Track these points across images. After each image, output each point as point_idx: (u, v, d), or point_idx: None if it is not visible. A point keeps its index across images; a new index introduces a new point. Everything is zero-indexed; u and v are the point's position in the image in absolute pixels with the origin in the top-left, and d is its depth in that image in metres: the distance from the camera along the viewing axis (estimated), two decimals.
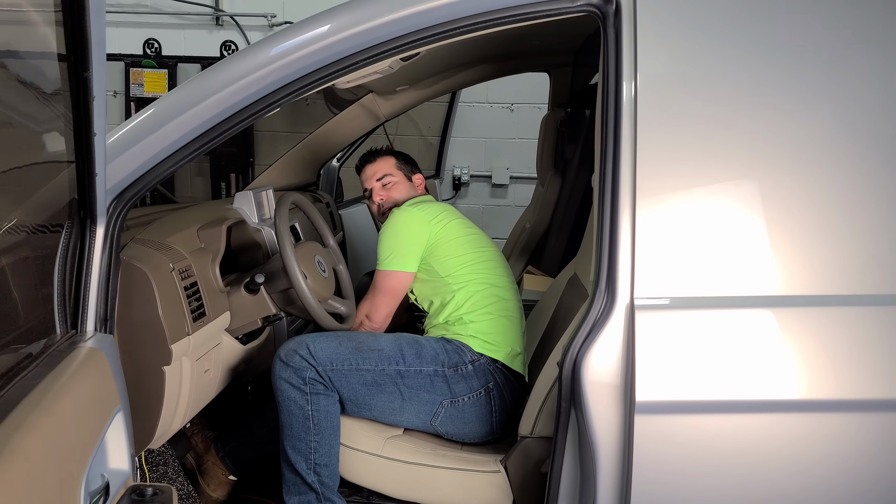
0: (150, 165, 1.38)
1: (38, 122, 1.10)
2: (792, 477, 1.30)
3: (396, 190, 2.16)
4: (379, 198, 2.17)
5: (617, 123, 1.35)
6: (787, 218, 1.32)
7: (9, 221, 1.10)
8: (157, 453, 1.85)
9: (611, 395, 1.32)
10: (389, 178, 2.16)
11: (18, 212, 1.14)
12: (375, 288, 1.97)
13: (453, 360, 1.81)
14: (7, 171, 1.11)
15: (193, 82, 1.42)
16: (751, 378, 1.29)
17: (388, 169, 2.17)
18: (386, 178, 2.16)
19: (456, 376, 1.80)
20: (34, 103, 1.07)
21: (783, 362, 1.29)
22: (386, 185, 2.16)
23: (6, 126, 1.02)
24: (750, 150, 1.33)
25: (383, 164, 2.18)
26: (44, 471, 0.75)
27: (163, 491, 1.04)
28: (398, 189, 2.16)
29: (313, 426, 1.71)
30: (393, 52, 1.41)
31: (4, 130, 1.03)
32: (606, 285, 1.34)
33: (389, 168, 2.18)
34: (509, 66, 2.85)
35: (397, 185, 2.16)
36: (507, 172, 4.95)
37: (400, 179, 2.17)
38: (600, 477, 1.34)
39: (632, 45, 1.34)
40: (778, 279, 1.32)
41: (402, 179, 2.18)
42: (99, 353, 1.10)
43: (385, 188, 2.16)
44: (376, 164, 2.19)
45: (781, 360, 1.29)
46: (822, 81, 1.33)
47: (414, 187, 2.19)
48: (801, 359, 1.29)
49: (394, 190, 2.15)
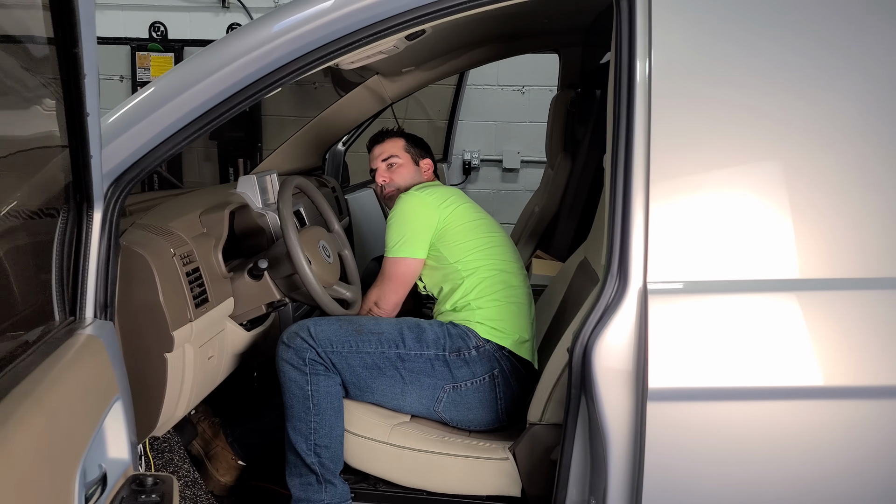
0: (149, 148, 1.34)
1: (32, 104, 1.07)
2: (807, 465, 1.27)
3: (400, 173, 2.12)
4: (382, 179, 2.13)
5: (630, 104, 1.30)
6: (804, 201, 1.28)
7: (7, 205, 1.08)
8: (163, 440, 1.83)
9: (622, 382, 1.29)
10: (395, 159, 2.12)
11: (17, 196, 1.11)
12: (384, 275, 1.94)
13: (456, 345, 1.79)
14: (5, 157, 1.08)
15: (193, 61, 1.39)
16: (766, 365, 1.25)
17: (395, 150, 2.14)
18: (392, 158, 2.12)
19: (458, 361, 1.78)
20: (28, 84, 1.04)
21: (799, 348, 1.25)
22: (391, 167, 2.12)
23: None
24: (767, 132, 1.29)
25: (391, 145, 2.15)
26: (34, 464, 0.73)
27: (163, 480, 1.02)
28: (402, 172, 2.12)
29: (313, 406, 1.70)
30: (398, 28, 1.36)
31: None
32: (619, 269, 1.31)
33: (397, 149, 2.14)
34: (517, 46, 2.80)
35: (402, 168, 2.12)
36: (518, 156, 4.90)
37: (406, 162, 2.13)
38: (611, 464, 1.32)
39: (646, 22, 1.30)
40: (793, 262, 1.28)
41: (409, 162, 2.14)
42: (97, 341, 1.07)
43: (389, 170, 2.12)
44: (384, 145, 2.16)
45: (797, 345, 1.25)
46: (842, 62, 1.28)
47: (420, 172, 2.15)
48: (818, 344, 1.25)
49: (398, 172, 2.12)
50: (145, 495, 0.96)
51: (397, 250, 1.91)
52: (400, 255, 1.91)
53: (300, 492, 1.72)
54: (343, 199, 3.05)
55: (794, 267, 1.28)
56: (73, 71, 0.93)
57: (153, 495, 0.97)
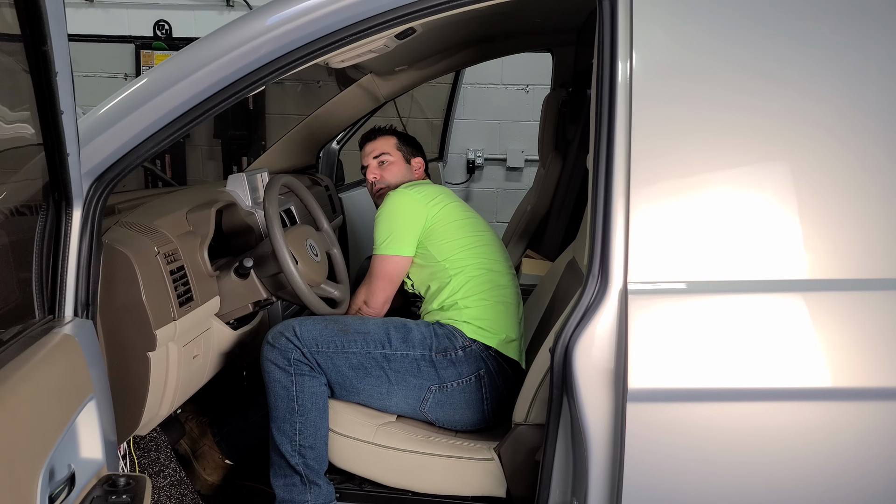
0: (131, 146, 1.33)
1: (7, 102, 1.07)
2: (788, 467, 1.26)
3: (391, 171, 2.12)
4: (372, 176, 2.13)
5: (612, 104, 1.30)
6: (784, 201, 1.27)
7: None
8: (150, 439, 1.83)
9: (603, 383, 1.29)
10: (387, 157, 2.12)
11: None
12: (372, 273, 1.94)
13: (442, 345, 1.78)
14: None
15: (177, 58, 1.37)
16: (746, 366, 1.25)
17: (386, 148, 2.14)
18: (383, 156, 2.12)
19: (444, 361, 1.77)
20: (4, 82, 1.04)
21: (779, 349, 1.25)
22: (382, 164, 2.12)
23: None
24: (749, 133, 1.28)
25: (383, 143, 2.15)
26: None
27: (136, 480, 1.01)
28: (393, 170, 2.12)
29: (298, 407, 1.69)
30: (384, 26, 1.35)
31: None
32: (600, 270, 1.30)
33: (389, 147, 2.14)
34: (510, 46, 2.79)
35: (393, 166, 2.12)
36: (521, 155, 4.88)
37: (397, 160, 2.13)
38: (592, 465, 1.31)
39: (627, 23, 1.29)
40: (771, 263, 1.27)
41: (400, 161, 2.14)
42: (72, 340, 1.07)
43: (380, 167, 2.12)
44: (376, 142, 2.16)
45: (777, 346, 1.25)
46: (829, 58, 1.27)
47: (411, 171, 2.15)
48: (798, 345, 1.25)
49: (388, 170, 2.12)
50: (116, 496, 0.96)
51: (385, 248, 1.91)
52: (387, 253, 1.91)
53: (284, 492, 1.71)
54: (337, 198, 3.04)
55: (774, 268, 1.27)
56: (45, 69, 0.92)
57: (124, 496, 0.96)
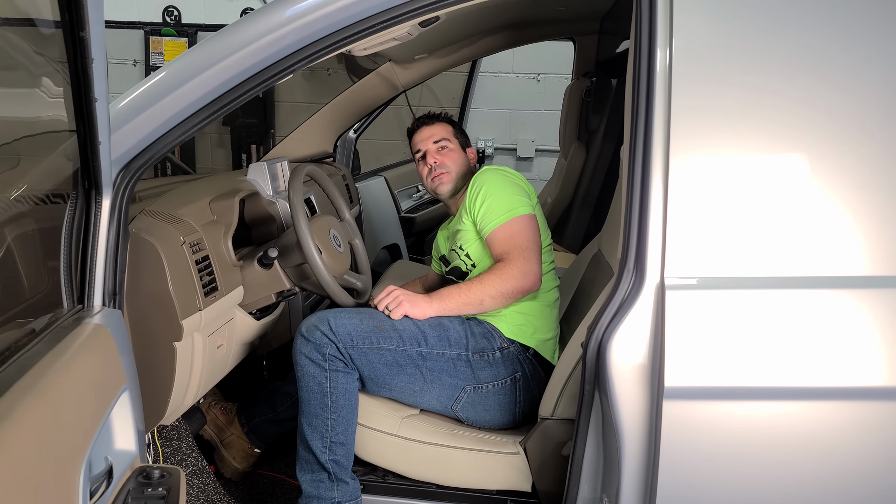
0: (158, 134, 1.32)
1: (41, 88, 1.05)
2: (829, 467, 1.24)
3: (451, 157, 2.05)
4: (433, 160, 2.04)
5: (649, 93, 1.27)
6: (830, 195, 1.24)
7: (18, 191, 1.06)
8: (171, 428, 1.83)
9: (638, 379, 1.26)
10: (447, 142, 2.06)
11: (26, 182, 1.10)
12: (515, 245, 1.76)
13: (480, 346, 1.74)
14: (12, 142, 1.06)
15: (204, 46, 1.36)
16: (787, 364, 1.22)
17: (446, 133, 2.08)
18: (443, 141, 2.06)
19: (481, 362, 1.74)
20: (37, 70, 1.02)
21: (821, 347, 1.22)
22: (442, 150, 2.05)
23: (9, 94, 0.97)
24: (793, 124, 1.25)
25: (441, 129, 2.09)
26: (36, 461, 0.71)
27: (170, 473, 1.00)
28: (453, 157, 2.05)
29: (331, 403, 1.66)
30: (411, 14, 1.34)
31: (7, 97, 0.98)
32: (635, 264, 1.28)
33: (447, 133, 2.08)
34: (532, 34, 2.75)
35: (453, 153, 2.05)
36: (532, 145, 4.84)
37: (455, 148, 2.07)
38: (625, 462, 1.29)
39: (667, 8, 1.26)
40: (813, 258, 1.24)
41: (458, 148, 2.08)
42: (104, 330, 1.05)
43: (440, 152, 2.05)
44: (434, 127, 2.09)
45: (819, 344, 1.22)
46: (873, 48, 1.24)
47: (468, 160, 2.11)
48: (840, 344, 1.22)
49: (449, 156, 2.04)
50: (152, 488, 0.95)
51: (514, 211, 1.80)
52: (522, 213, 1.80)
53: (311, 488, 1.68)
54: (354, 188, 3.02)
55: (816, 264, 1.24)
56: (81, 55, 0.90)
57: (160, 488, 0.95)
